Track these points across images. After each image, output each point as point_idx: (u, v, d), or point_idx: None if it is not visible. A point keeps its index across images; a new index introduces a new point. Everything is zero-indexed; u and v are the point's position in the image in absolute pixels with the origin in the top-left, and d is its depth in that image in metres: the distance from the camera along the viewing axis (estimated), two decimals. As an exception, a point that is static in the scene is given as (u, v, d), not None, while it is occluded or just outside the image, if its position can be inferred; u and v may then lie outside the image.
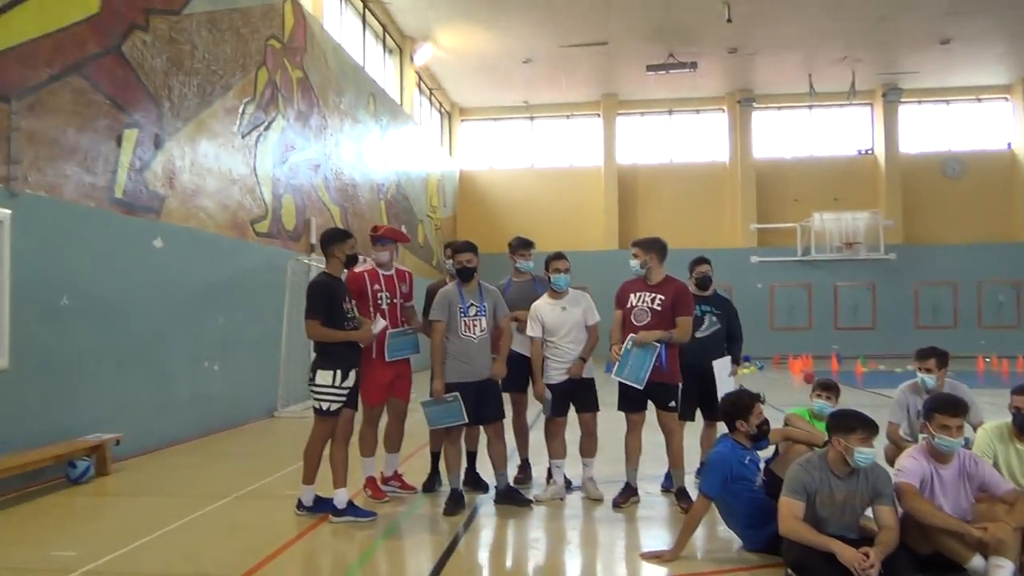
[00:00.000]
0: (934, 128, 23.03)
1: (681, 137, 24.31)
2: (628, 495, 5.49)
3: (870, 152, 23.33)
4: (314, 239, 11.95)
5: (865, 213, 22.13)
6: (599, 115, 24.05)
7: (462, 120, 24.75)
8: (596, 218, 23.67)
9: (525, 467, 6.27)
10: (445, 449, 5.51)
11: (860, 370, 16.95)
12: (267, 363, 10.35)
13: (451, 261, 5.68)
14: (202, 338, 8.88)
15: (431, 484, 5.99)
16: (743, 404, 4.39)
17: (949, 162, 22.73)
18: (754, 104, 23.23)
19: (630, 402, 5.55)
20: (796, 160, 23.64)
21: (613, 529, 5.06)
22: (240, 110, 9.95)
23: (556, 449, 5.85)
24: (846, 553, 3.59)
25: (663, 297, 5.43)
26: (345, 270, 5.40)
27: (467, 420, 5.25)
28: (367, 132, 15.33)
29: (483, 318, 5.43)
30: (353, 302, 5.31)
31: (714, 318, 5.99)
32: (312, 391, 5.13)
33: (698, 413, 5.96)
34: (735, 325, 6.13)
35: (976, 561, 3.71)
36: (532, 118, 24.63)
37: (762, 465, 4.63)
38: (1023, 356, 18.87)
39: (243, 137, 10.03)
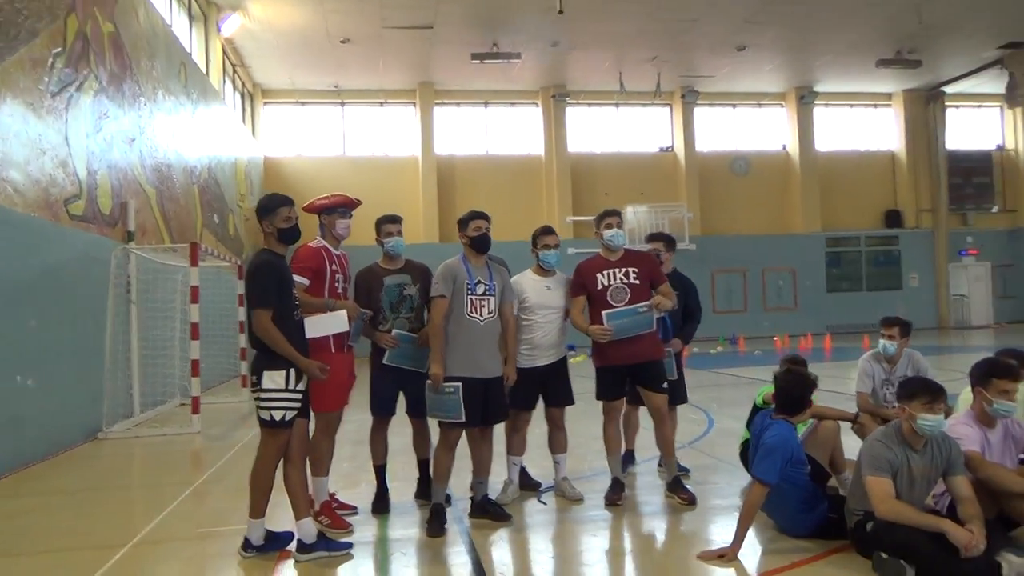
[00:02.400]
0: (724, 129, 25.10)
1: (497, 129, 24.28)
2: (619, 490, 5.01)
3: (670, 149, 24.88)
4: (132, 225, 10.10)
5: (670, 206, 23.53)
6: (415, 104, 23.31)
7: (265, 102, 22.76)
8: (414, 209, 22.87)
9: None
10: (436, 454, 4.65)
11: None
12: (89, 374, 8.50)
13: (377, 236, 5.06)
14: (11, 346, 6.99)
15: (423, 493, 5.08)
16: (806, 383, 4.09)
17: (737, 160, 24.91)
18: (568, 100, 23.78)
19: (610, 389, 5.10)
20: (606, 155, 24.58)
21: (644, 532, 4.58)
22: (49, 63, 8.03)
23: (518, 446, 5.24)
24: (958, 534, 3.38)
25: (636, 270, 5.05)
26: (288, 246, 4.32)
27: (464, 419, 4.45)
28: (179, 106, 13.36)
29: (491, 298, 4.66)
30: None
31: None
32: (258, 398, 4.04)
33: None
34: (693, 303, 5.87)
35: (1048, 522, 3.69)
36: (343, 103, 23.28)
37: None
38: (805, 335, 21.20)
39: (53, 97, 8.11)
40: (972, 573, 3.32)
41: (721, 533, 4.21)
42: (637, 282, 5.03)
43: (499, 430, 5.01)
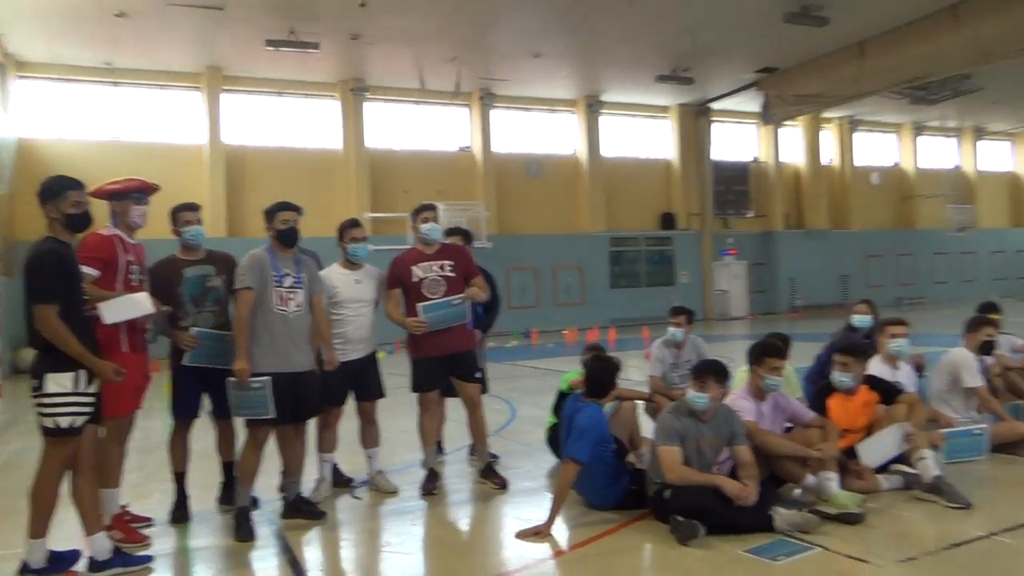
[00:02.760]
0: (519, 131, 26.05)
1: (293, 121, 23.33)
2: (435, 479, 5.09)
3: (469, 149, 25.37)
4: None
5: (468, 204, 24.00)
6: (201, 89, 21.75)
7: (19, 76, 20.09)
8: (200, 202, 21.10)
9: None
10: (243, 455, 4.39)
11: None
12: None
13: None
14: None
15: (227, 499, 4.75)
16: (614, 368, 4.41)
17: (531, 162, 25.96)
18: (367, 94, 23.42)
19: (426, 380, 5.17)
20: (406, 152, 24.53)
21: (462, 517, 4.70)
22: None
23: (329, 442, 5.16)
24: (732, 487, 3.86)
25: (451, 263, 5.18)
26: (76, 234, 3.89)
27: (273, 415, 4.25)
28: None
29: (300, 291, 4.48)
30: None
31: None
32: (40, 404, 3.61)
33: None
34: (493, 294, 6.06)
35: (809, 479, 4.28)
36: (116, 83, 21.17)
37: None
38: (592, 329, 22.63)
39: None
40: (751, 524, 3.81)
41: (534, 512, 4.41)
42: (452, 275, 5.14)
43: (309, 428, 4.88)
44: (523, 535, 4.03)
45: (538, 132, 26.37)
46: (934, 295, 32.23)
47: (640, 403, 5.39)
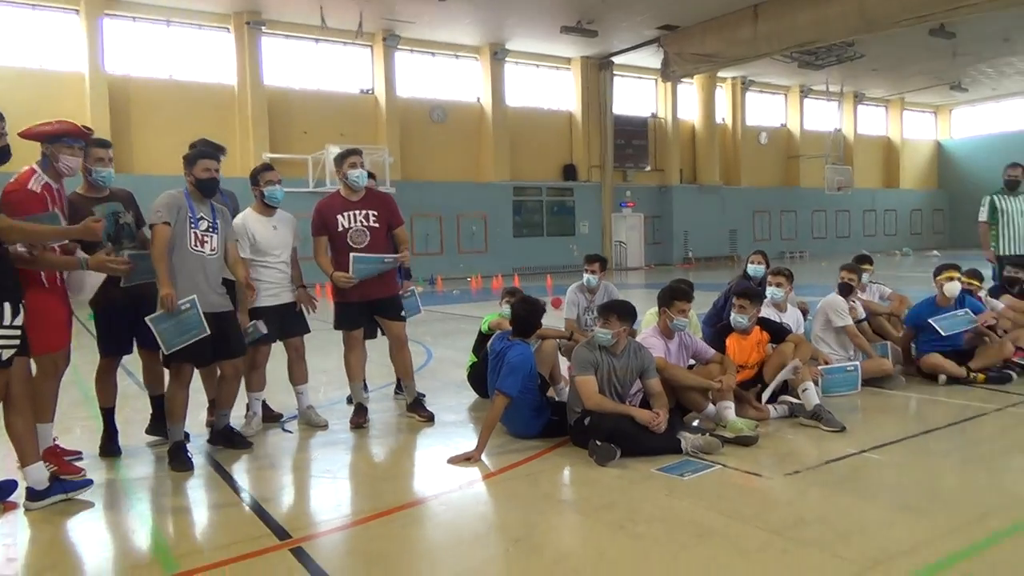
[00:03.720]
0: (423, 76, 25.66)
1: (183, 52, 22.06)
2: (364, 413, 5.28)
3: (371, 92, 24.83)
4: None
5: (371, 148, 23.60)
6: (79, 11, 20.21)
7: None
8: (82, 136, 20.06)
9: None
10: (170, 393, 4.42)
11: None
12: None
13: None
14: None
15: (157, 430, 4.82)
16: (540, 310, 4.70)
17: (435, 108, 25.72)
18: (264, 28, 22.42)
19: (348, 319, 5.29)
20: (305, 92, 23.76)
21: (393, 447, 4.90)
22: None
23: (258, 381, 5.25)
24: (643, 415, 4.26)
25: (376, 212, 5.24)
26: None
27: (208, 331, 4.28)
28: None
29: (215, 236, 4.49)
30: None
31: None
32: (-34, 337, 3.54)
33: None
34: None
35: (710, 408, 4.76)
36: (-16, 2, 19.36)
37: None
38: (496, 276, 23.01)
39: None
40: (661, 447, 4.24)
41: (461, 442, 4.69)
42: (377, 225, 5.20)
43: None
44: (454, 461, 4.31)
45: (443, 78, 26.07)
46: (813, 249, 34.53)
47: (559, 341, 5.74)
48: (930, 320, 6.20)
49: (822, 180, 32.73)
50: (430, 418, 5.28)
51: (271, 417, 5.40)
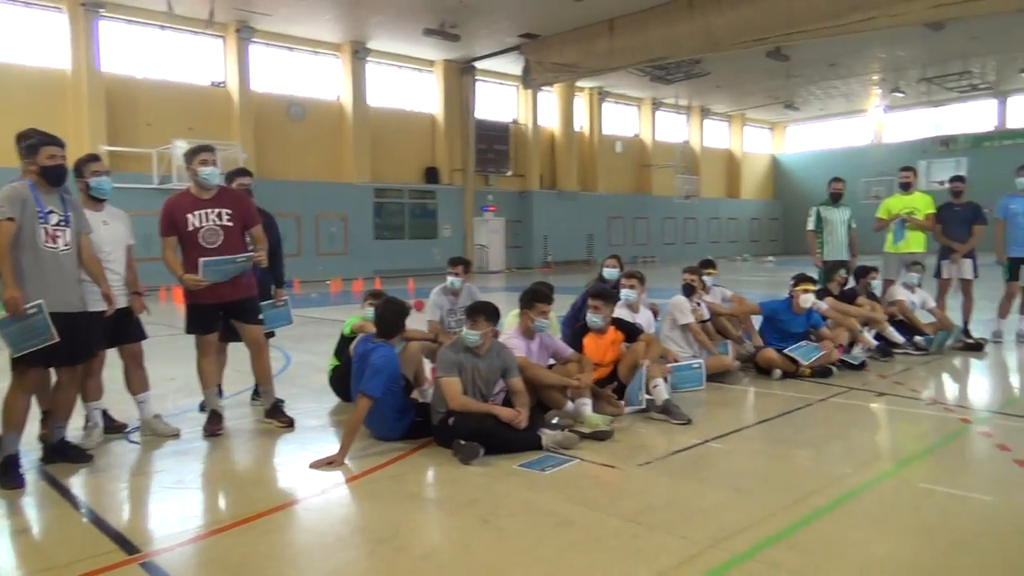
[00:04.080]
0: (281, 71, 24.80)
1: (9, 32, 20.13)
2: (219, 420, 5.07)
3: (223, 85, 23.72)
4: None
5: (223, 144, 22.53)
6: None
7: None
8: None
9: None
10: (9, 399, 4.05)
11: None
12: None
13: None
14: None
15: None
16: (404, 311, 4.70)
17: (293, 105, 24.93)
18: (101, 11, 20.88)
19: (201, 322, 5.07)
20: (150, 81, 22.33)
21: (252, 453, 4.74)
22: None
23: (95, 390, 4.92)
24: (506, 413, 4.39)
25: (229, 211, 5.03)
26: None
27: (57, 338, 3.97)
28: None
29: (67, 230, 4.17)
30: None
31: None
32: None
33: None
34: (276, 240, 6.05)
35: (569, 405, 4.95)
36: None
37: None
38: (357, 279, 22.64)
39: None
40: (523, 444, 4.38)
41: (323, 447, 4.62)
42: (231, 224, 4.99)
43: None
44: (317, 465, 4.24)
45: (301, 74, 25.32)
46: (664, 254, 36.44)
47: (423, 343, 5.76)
48: (788, 351, 6.64)
49: (672, 189, 34.69)
50: (290, 423, 5.15)
51: (114, 428, 5.06)
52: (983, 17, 18.14)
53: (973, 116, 35.28)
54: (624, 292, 6.37)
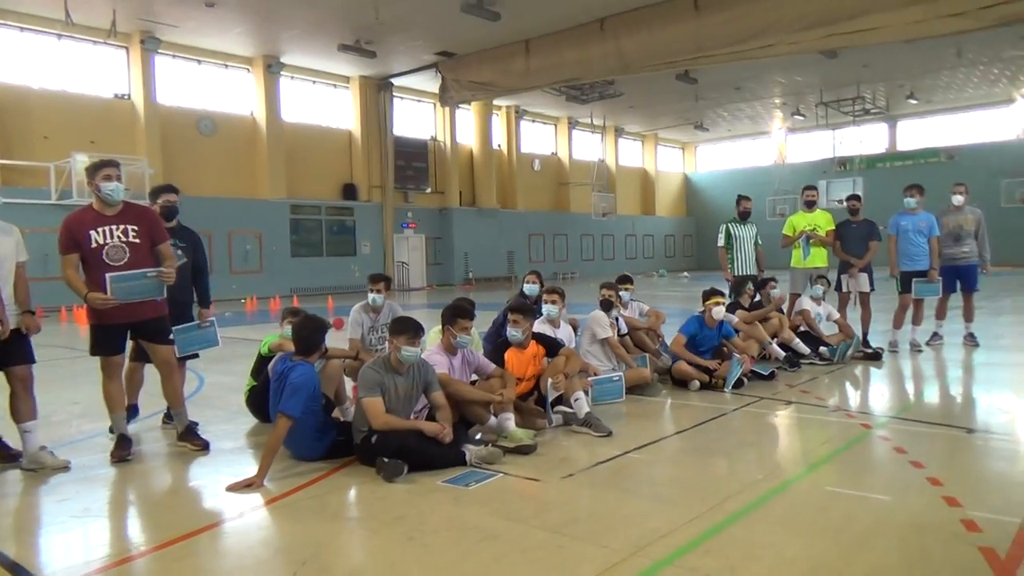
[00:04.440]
0: (189, 84, 24.06)
1: None
2: (127, 445, 4.85)
3: (127, 97, 22.84)
4: None
5: (127, 159, 21.64)
6: None
7: None
8: None
9: None
10: None
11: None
12: None
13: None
14: None
15: None
16: (323, 327, 4.62)
17: (203, 119, 24.21)
18: (-8, 18, 19.82)
19: (107, 343, 4.86)
20: (46, 92, 21.27)
21: (165, 478, 4.60)
22: None
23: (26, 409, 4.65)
24: (430, 427, 4.39)
25: (136, 227, 4.86)
26: None
27: None
28: None
29: None
30: None
31: (180, 251, 5.65)
32: None
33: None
34: (201, 259, 5.90)
35: (492, 420, 4.98)
36: None
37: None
38: (274, 297, 22.08)
39: None
40: (446, 460, 4.37)
41: (241, 469, 4.48)
42: (137, 241, 4.82)
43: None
44: (234, 487, 4.10)
45: (211, 88, 24.64)
46: (583, 270, 37.07)
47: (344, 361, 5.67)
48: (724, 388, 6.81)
49: (590, 206, 35.37)
50: (205, 446, 4.98)
51: (7, 456, 4.76)
52: (873, 46, 19.37)
53: (867, 138, 37.52)
54: (546, 308, 6.47)
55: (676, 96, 31.42)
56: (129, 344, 5.11)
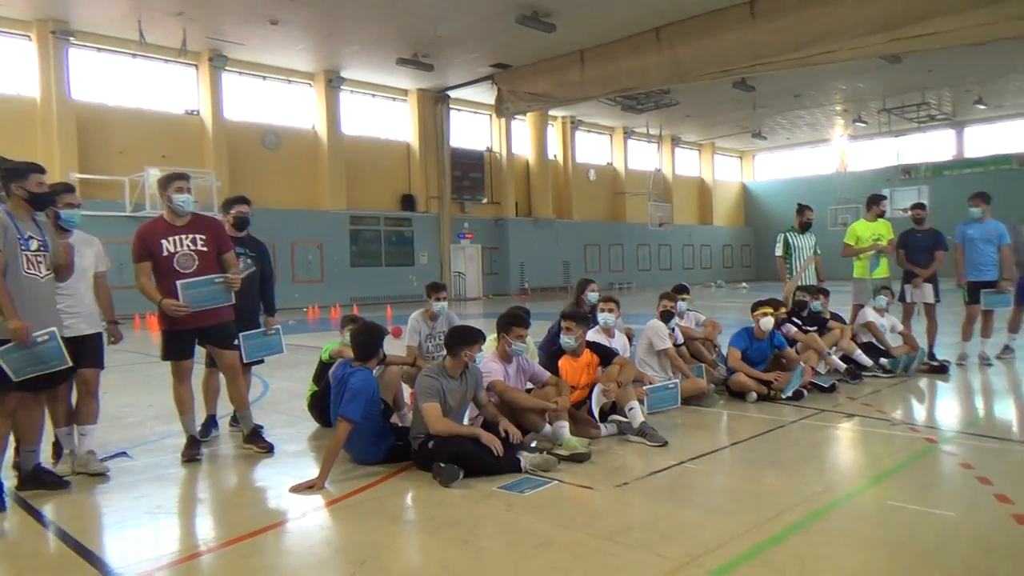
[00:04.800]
0: (254, 100, 24.86)
1: (-26, 60, 19.98)
2: (196, 446, 5.07)
3: (196, 113, 23.71)
4: None
5: (196, 172, 22.45)
6: None
7: None
8: None
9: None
10: (20, 423, 4.06)
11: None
12: None
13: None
14: None
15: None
16: (380, 333, 4.76)
17: (268, 133, 24.98)
18: (72, 39, 20.82)
19: (178, 349, 5.09)
20: (122, 109, 22.27)
21: (231, 478, 4.77)
22: None
23: (63, 415, 4.88)
24: (488, 437, 4.45)
25: (203, 237, 5.10)
26: None
27: (70, 362, 4.11)
28: None
29: (47, 255, 4.18)
30: None
31: (248, 260, 5.88)
32: None
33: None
34: (268, 268, 6.13)
35: (547, 427, 5.02)
36: None
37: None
38: (334, 306, 22.57)
39: None
40: (503, 466, 4.41)
41: (303, 471, 4.63)
42: (205, 249, 5.05)
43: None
44: (297, 489, 4.25)
45: (275, 102, 25.40)
46: (639, 280, 36.78)
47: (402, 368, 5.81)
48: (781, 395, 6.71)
49: (646, 216, 35.13)
50: (269, 449, 5.16)
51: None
52: (938, 51, 18.78)
53: (932, 145, 36.33)
54: (601, 316, 6.48)
55: (733, 104, 31.01)
56: (203, 351, 5.34)
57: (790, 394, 6.62)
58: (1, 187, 4.27)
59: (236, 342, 5.27)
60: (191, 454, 4.97)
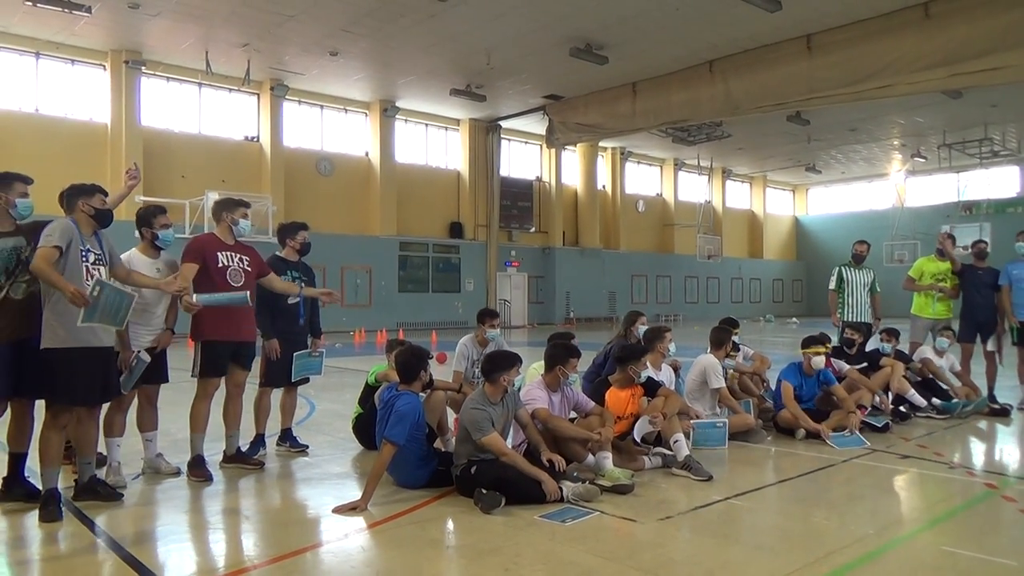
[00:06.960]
0: (311, 127, 25.56)
1: (51, 87, 21.01)
2: (202, 463, 5.16)
3: (256, 140, 24.46)
4: None
5: (254, 197, 23.11)
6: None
7: None
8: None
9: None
10: (45, 436, 4.22)
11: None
12: None
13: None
14: None
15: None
16: (425, 356, 4.82)
17: (322, 160, 25.60)
18: (144, 68, 21.76)
19: (214, 367, 5.25)
20: (186, 135, 23.12)
21: (278, 496, 4.88)
22: None
23: (120, 426, 5.15)
24: (550, 487, 4.42)
25: (248, 258, 5.43)
26: None
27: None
28: None
29: (103, 268, 4.41)
30: None
31: (301, 283, 6.02)
32: None
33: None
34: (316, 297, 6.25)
35: (590, 458, 4.99)
36: None
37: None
38: (380, 330, 22.84)
39: None
40: (544, 495, 4.38)
41: (346, 492, 4.68)
42: (250, 269, 5.41)
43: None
44: (339, 510, 4.29)
45: (331, 130, 26.05)
46: (686, 312, 36.34)
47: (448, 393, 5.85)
48: (829, 441, 6.38)
49: (694, 248, 34.81)
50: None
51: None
52: (1001, 86, 18.32)
53: (995, 181, 35.28)
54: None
55: (787, 138, 30.69)
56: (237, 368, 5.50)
57: (837, 442, 6.36)
58: (67, 203, 4.50)
59: (299, 374, 5.61)
60: (200, 473, 5.04)
